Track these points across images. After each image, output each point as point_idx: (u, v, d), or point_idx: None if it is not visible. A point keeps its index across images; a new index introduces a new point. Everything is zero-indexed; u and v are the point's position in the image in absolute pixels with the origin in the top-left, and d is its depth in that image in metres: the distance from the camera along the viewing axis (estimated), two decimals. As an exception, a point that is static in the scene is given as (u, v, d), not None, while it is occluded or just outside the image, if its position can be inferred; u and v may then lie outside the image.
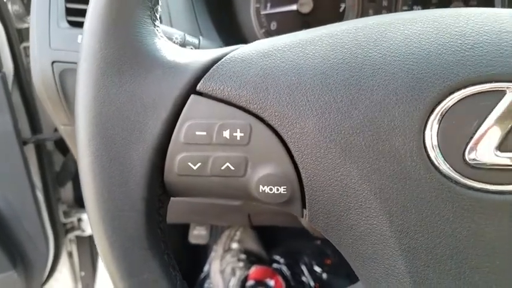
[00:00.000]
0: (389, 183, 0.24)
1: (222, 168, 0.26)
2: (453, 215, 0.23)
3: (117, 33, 0.25)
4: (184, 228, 0.99)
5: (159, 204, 0.27)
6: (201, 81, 0.26)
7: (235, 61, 0.26)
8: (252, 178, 0.26)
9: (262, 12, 0.59)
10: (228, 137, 0.25)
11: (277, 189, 0.26)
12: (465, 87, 0.23)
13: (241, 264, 0.93)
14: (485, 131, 0.23)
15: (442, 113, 0.23)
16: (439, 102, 0.23)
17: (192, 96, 0.26)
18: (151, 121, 0.25)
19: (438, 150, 0.23)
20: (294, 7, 0.58)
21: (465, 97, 0.23)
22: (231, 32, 0.58)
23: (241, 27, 0.60)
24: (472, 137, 0.23)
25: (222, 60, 0.26)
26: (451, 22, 0.25)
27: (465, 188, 0.23)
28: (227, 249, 0.97)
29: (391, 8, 0.58)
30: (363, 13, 0.58)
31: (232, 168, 0.26)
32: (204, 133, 0.25)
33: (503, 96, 0.23)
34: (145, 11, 0.26)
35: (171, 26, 0.49)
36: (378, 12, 0.58)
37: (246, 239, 0.99)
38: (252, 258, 0.95)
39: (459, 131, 0.23)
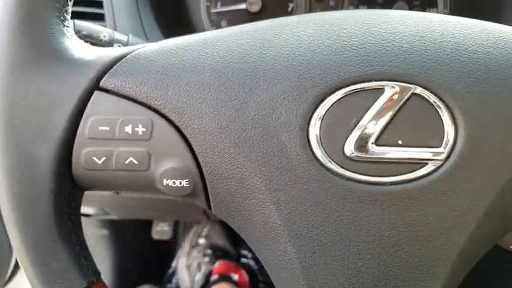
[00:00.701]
0: (278, 175, 0.25)
1: (126, 162, 0.27)
2: (335, 205, 0.25)
3: (26, 33, 0.26)
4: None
5: (70, 197, 0.28)
6: (104, 78, 0.27)
7: (138, 58, 0.27)
8: (156, 172, 0.27)
9: (213, 11, 0.60)
10: (130, 132, 0.27)
11: (180, 183, 0.27)
12: (346, 86, 0.25)
13: (206, 259, 0.94)
14: (364, 127, 0.25)
15: (324, 110, 0.25)
16: (322, 100, 0.25)
17: (95, 92, 0.27)
18: (57, 117, 0.26)
19: (320, 145, 0.25)
20: (243, 6, 0.59)
21: (346, 95, 0.25)
22: (181, 30, 0.59)
23: (192, 26, 0.61)
24: (351, 132, 0.25)
25: (127, 57, 0.27)
26: (340, 24, 0.27)
27: (345, 180, 0.25)
28: (194, 245, 0.98)
29: (338, 8, 0.60)
30: (310, 12, 0.60)
31: (135, 162, 0.27)
32: (107, 128, 0.27)
33: (381, 94, 0.25)
34: (54, 11, 0.27)
35: (115, 25, 0.50)
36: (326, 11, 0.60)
37: (213, 234, 1.00)
38: (218, 253, 0.96)
39: (339, 127, 0.25)
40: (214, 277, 0.90)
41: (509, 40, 0.26)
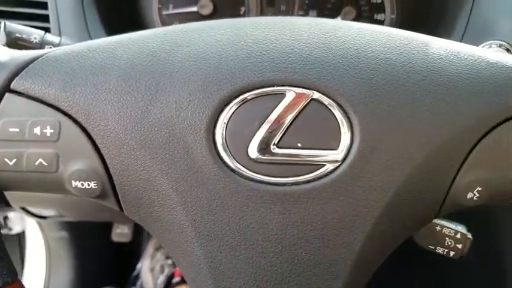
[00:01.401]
0: (184, 176, 0.26)
1: (36, 163, 0.27)
2: (239, 205, 0.26)
3: None
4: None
5: None
6: (15, 80, 0.27)
7: (49, 60, 0.27)
8: (65, 173, 0.27)
9: (164, 13, 0.61)
10: (39, 134, 0.27)
11: (88, 184, 0.27)
12: (250, 90, 0.26)
13: (170, 261, 0.94)
14: (266, 130, 0.25)
15: (230, 113, 0.26)
16: (227, 104, 0.26)
17: (6, 94, 0.27)
18: None
19: (226, 147, 0.26)
20: (194, 8, 0.60)
21: (250, 99, 0.26)
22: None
23: (145, 28, 0.61)
24: (254, 135, 0.25)
25: (38, 59, 0.27)
26: (249, 30, 0.27)
27: (249, 181, 0.26)
28: (158, 248, 0.98)
29: (289, 12, 0.61)
30: (262, 16, 0.61)
31: (45, 164, 0.27)
32: (17, 130, 0.27)
33: (282, 99, 0.26)
34: None
35: (59, 26, 0.49)
36: (277, 14, 0.61)
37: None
38: (182, 255, 0.96)
39: (244, 130, 0.26)
40: (175, 279, 0.90)
41: (410, 47, 0.27)
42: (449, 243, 0.33)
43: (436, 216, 0.28)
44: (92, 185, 0.27)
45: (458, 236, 0.33)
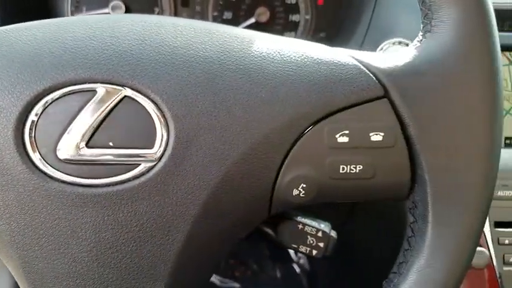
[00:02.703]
0: None
1: None
2: (51, 209, 0.25)
3: None
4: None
5: None
6: None
7: None
8: None
9: (77, 15, 0.60)
10: None
11: None
12: (59, 88, 0.25)
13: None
14: (75, 129, 0.25)
15: (39, 112, 0.25)
16: (36, 103, 0.25)
17: None
18: None
19: (35, 147, 0.25)
20: (106, 10, 0.59)
21: (60, 97, 0.25)
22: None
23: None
24: (63, 134, 0.25)
25: None
26: (69, 27, 0.27)
27: (60, 183, 0.25)
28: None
29: (204, 13, 0.60)
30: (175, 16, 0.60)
31: None
32: None
33: (93, 96, 0.25)
34: None
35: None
36: (191, 16, 0.60)
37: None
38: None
39: (53, 129, 0.25)
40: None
41: (231, 44, 0.26)
42: (312, 241, 0.33)
43: (269, 214, 0.28)
44: None
45: (320, 234, 0.33)
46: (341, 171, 0.26)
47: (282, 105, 0.25)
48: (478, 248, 0.47)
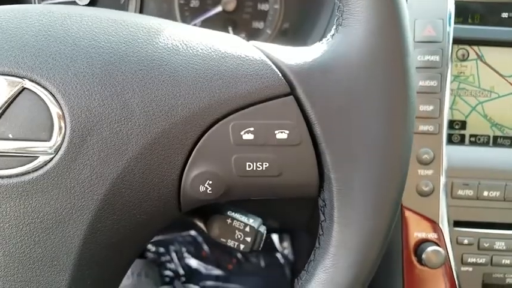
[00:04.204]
0: None
1: None
2: None
3: None
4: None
5: None
6: None
7: None
8: None
9: (44, 3, 0.59)
10: None
11: None
12: None
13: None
14: None
15: None
16: None
17: None
18: None
19: None
20: (72, -2, 0.58)
21: None
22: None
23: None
24: None
25: None
26: None
27: None
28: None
29: (171, 1, 0.59)
30: (142, 5, 0.59)
31: None
32: None
33: None
34: None
35: None
36: (158, 4, 0.59)
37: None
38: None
39: None
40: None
41: (137, 36, 0.26)
42: (239, 236, 0.32)
43: (181, 211, 0.27)
44: None
45: (248, 229, 0.32)
46: (247, 168, 0.25)
47: (184, 99, 0.25)
48: (434, 247, 0.46)
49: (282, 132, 0.25)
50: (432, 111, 0.45)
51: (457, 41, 0.47)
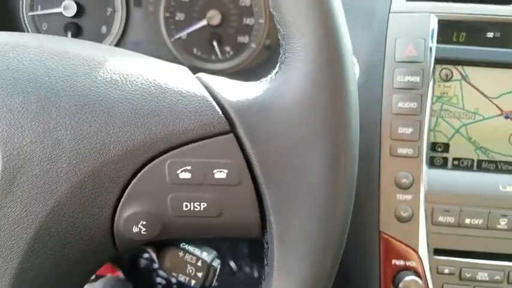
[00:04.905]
0: None
1: None
2: None
3: None
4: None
5: None
6: None
7: None
8: None
9: (30, 14, 0.60)
10: None
11: None
12: None
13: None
14: None
15: None
16: None
17: None
18: None
19: None
20: (58, 10, 0.58)
21: None
22: None
23: (11, 29, 0.60)
24: None
25: None
26: None
27: None
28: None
29: (156, 14, 0.59)
30: (128, 18, 0.59)
31: None
32: None
33: None
34: None
35: None
36: (143, 17, 0.59)
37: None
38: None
39: None
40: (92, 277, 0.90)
41: (75, 69, 0.25)
42: (190, 270, 0.31)
43: (118, 251, 0.26)
44: None
45: (200, 263, 0.31)
46: (184, 208, 0.24)
47: (117, 136, 0.24)
48: (413, 277, 0.45)
49: (220, 171, 0.24)
50: (411, 133, 0.44)
51: (440, 60, 0.45)
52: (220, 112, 0.24)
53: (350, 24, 0.48)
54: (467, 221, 0.44)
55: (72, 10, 0.58)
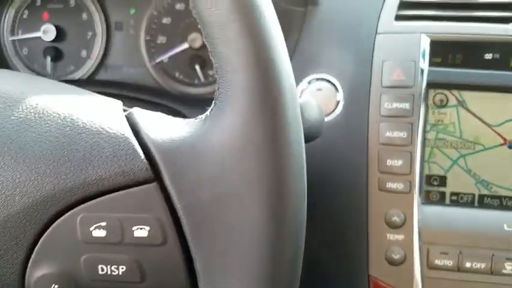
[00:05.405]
0: None
1: None
2: None
3: None
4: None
5: None
6: None
7: None
8: None
9: (11, 39, 0.58)
10: None
11: None
12: None
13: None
14: None
15: None
16: None
17: None
18: None
19: None
20: (38, 34, 0.57)
21: None
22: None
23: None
24: None
25: None
26: None
27: None
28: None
29: (137, 37, 0.56)
30: (108, 41, 0.57)
31: None
32: None
33: None
34: None
35: None
36: (124, 40, 0.57)
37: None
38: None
39: None
40: None
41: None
42: None
43: None
44: None
45: None
46: (100, 272, 0.21)
47: (24, 186, 0.20)
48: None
49: (141, 228, 0.20)
50: (401, 166, 0.39)
51: (434, 85, 0.41)
52: (143, 156, 0.21)
53: (333, 45, 0.45)
54: (468, 264, 0.39)
55: (51, 34, 0.56)
